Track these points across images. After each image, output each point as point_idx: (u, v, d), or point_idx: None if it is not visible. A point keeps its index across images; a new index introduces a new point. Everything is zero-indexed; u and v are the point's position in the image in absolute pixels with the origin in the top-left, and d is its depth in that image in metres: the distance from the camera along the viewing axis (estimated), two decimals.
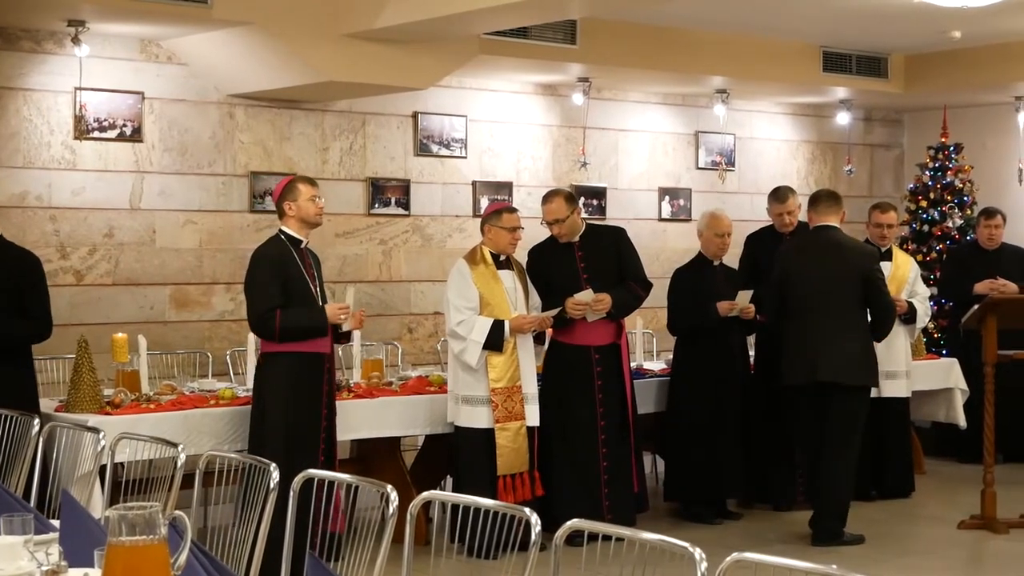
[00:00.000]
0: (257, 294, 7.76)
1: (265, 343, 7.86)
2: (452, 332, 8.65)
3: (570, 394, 9.08)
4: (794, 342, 9.15)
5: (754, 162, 13.91)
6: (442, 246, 11.62)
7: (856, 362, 9.02)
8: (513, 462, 8.66)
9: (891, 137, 15.22)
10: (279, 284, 7.74)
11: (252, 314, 7.80)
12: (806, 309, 9.08)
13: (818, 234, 9.27)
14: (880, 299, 9.14)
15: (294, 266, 7.82)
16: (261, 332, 7.83)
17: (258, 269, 7.82)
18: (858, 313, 9.09)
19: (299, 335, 7.75)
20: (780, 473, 10.08)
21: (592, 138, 12.46)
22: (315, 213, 7.91)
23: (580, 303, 8.91)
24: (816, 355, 8.97)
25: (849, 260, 9.11)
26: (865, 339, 9.10)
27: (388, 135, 11.36)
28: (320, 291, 7.97)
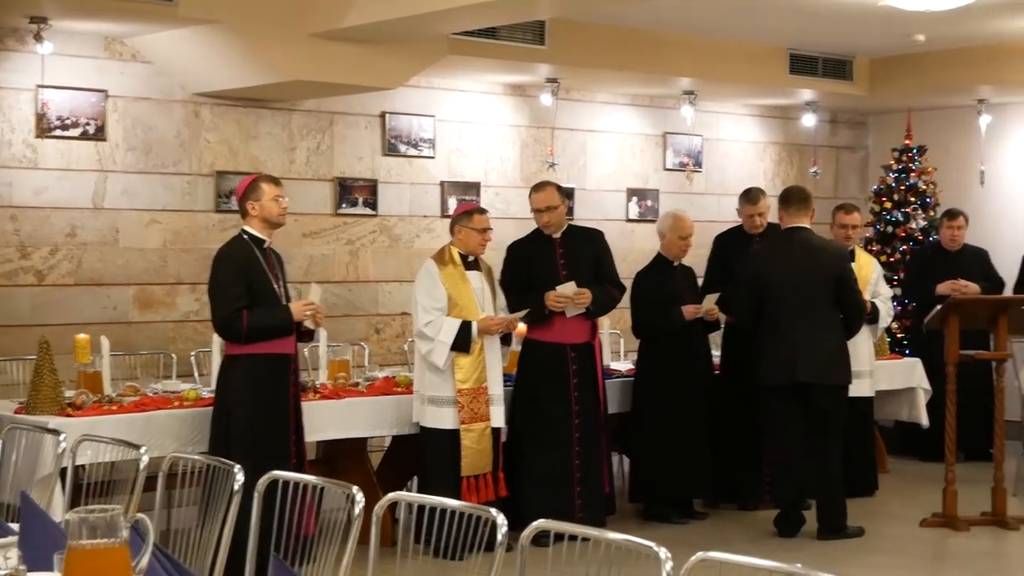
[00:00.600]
0: (221, 295, 7.68)
1: (230, 345, 7.80)
2: (420, 333, 8.63)
3: (545, 392, 9.07)
4: (771, 343, 9.20)
5: (721, 163, 13.92)
6: (410, 246, 11.58)
7: (834, 361, 9.14)
8: (477, 463, 8.65)
9: (856, 139, 15.26)
10: (243, 285, 7.66)
11: (217, 316, 7.72)
12: (781, 310, 9.15)
13: (791, 235, 9.31)
14: (852, 299, 9.26)
15: (257, 266, 7.75)
16: (227, 334, 7.76)
17: (221, 270, 7.75)
18: (832, 313, 9.17)
19: (265, 335, 7.69)
20: (746, 473, 10.08)
21: (560, 139, 12.44)
22: (278, 213, 7.84)
23: (563, 296, 8.95)
24: (794, 356, 9.06)
25: (822, 261, 9.18)
26: (840, 338, 9.20)
27: (356, 135, 11.32)
28: (284, 291, 7.91)
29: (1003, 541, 9.29)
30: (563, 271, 9.13)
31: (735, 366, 10.08)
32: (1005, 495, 9.63)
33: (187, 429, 7.94)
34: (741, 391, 9.97)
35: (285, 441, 7.80)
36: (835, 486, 9.24)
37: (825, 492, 9.25)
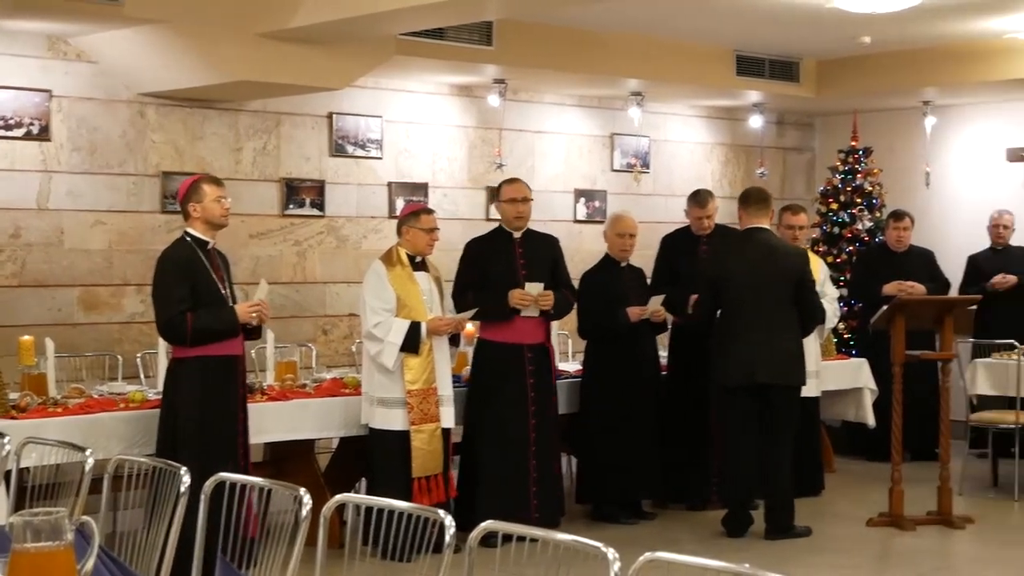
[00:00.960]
0: (165, 298, 7.62)
1: (176, 348, 7.74)
2: (368, 334, 8.61)
3: (502, 392, 9.08)
4: (729, 344, 9.23)
5: (668, 164, 13.96)
6: (357, 247, 11.55)
7: (792, 363, 9.22)
8: (428, 464, 8.64)
9: (803, 140, 15.34)
10: (188, 287, 7.60)
11: (161, 319, 7.65)
12: (740, 310, 9.19)
13: (750, 235, 9.35)
14: (811, 301, 9.31)
15: (202, 268, 7.70)
16: (171, 337, 7.70)
17: (165, 273, 7.69)
18: (790, 314, 9.22)
19: (211, 337, 7.64)
20: (694, 473, 10.12)
21: (508, 139, 12.45)
22: (220, 214, 7.77)
23: (528, 296, 8.97)
24: (753, 357, 9.09)
25: (782, 262, 9.23)
26: (798, 339, 9.27)
27: (303, 135, 11.28)
28: (230, 292, 7.86)
29: (949, 540, 9.36)
30: (523, 271, 9.16)
31: (683, 367, 10.13)
32: (951, 494, 9.70)
33: (133, 431, 7.89)
34: (689, 392, 10.02)
35: (233, 443, 7.76)
36: (785, 487, 9.28)
37: (775, 493, 9.29)
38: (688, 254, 10.13)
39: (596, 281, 9.85)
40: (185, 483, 4.73)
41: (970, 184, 13.98)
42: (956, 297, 11.49)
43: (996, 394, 10.81)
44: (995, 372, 10.79)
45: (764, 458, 9.26)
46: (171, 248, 7.81)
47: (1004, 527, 9.85)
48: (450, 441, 8.83)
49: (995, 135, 13.83)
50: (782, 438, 9.25)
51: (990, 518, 9.95)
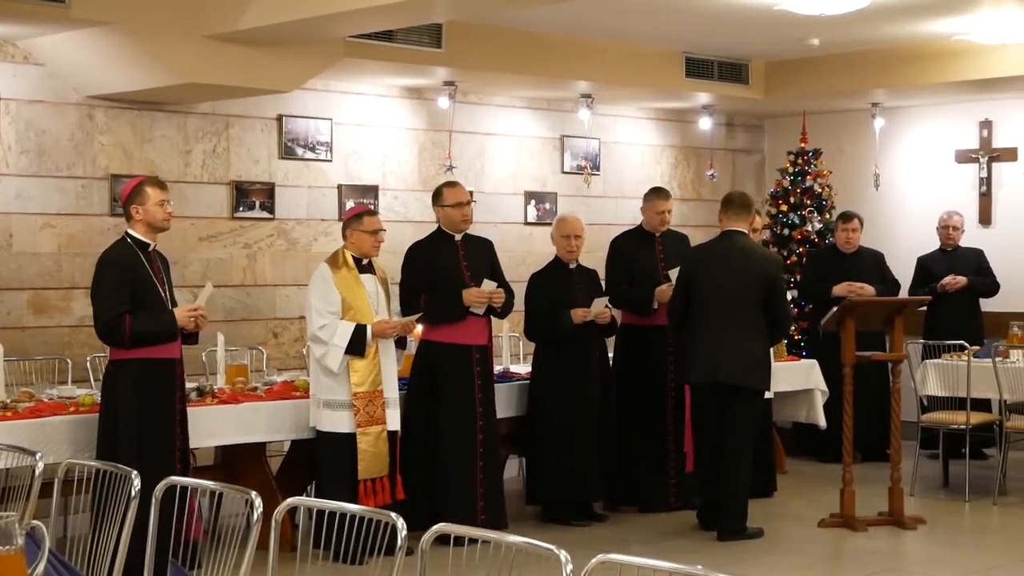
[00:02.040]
0: (104, 300, 7.60)
1: (114, 350, 7.71)
2: (314, 336, 8.63)
3: (449, 393, 9.10)
4: (697, 343, 9.32)
5: (619, 166, 13.99)
6: (308, 250, 11.53)
7: (757, 366, 9.27)
8: (374, 466, 8.64)
9: (752, 142, 15.41)
10: (127, 289, 7.58)
11: (99, 321, 7.62)
12: (710, 312, 9.27)
13: (727, 238, 9.44)
14: (781, 307, 9.34)
15: (142, 270, 7.67)
16: (109, 339, 7.67)
17: (104, 274, 7.67)
18: (759, 318, 9.27)
19: (149, 340, 7.62)
20: (646, 475, 10.13)
21: (458, 142, 12.45)
22: (162, 219, 7.75)
23: (483, 294, 9.04)
24: (718, 357, 9.17)
25: (755, 266, 9.30)
26: (765, 344, 9.35)
27: (252, 138, 11.25)
28: (169, 294, 7.84)
29: (900, 541, 9.42)
30: (467, 272, 9.20)
31: (633, 368, 10.13)
32: (902, 495, 9.76)
33: (83, 435, 7.85)
34: (641, 392, 10.04)
35: (171, 447, 7.72)
36: (738, 489, 9.34)
37: (728, 495, 9.33)
38: (643, 253, 10.16)
39: (543, 283, 9.89)
40: (136, 487, 4.72)
41: (919, 185, 14.08)
42: (906, 298, 11.57)
43: (946, 395, 10.88)
44: (945, 373, 10.86)
45: (720, 458, 9.32)
46: (111, 249, 7.78)
47: (955, 528, 9.93)
48: (396, 443, 8.84)
49: (944, 137, 13.94)
50: (741, 440, 9.31)
51: (941, 519, 10.03)
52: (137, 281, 7.63)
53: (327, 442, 8.63)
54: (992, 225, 13.57)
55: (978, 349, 10.92)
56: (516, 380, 10.03)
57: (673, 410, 10.12)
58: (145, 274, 7.68)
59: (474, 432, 9.15)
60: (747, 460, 9.39)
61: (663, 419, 10.10)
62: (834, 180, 13.66)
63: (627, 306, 10.18)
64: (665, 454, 10.10)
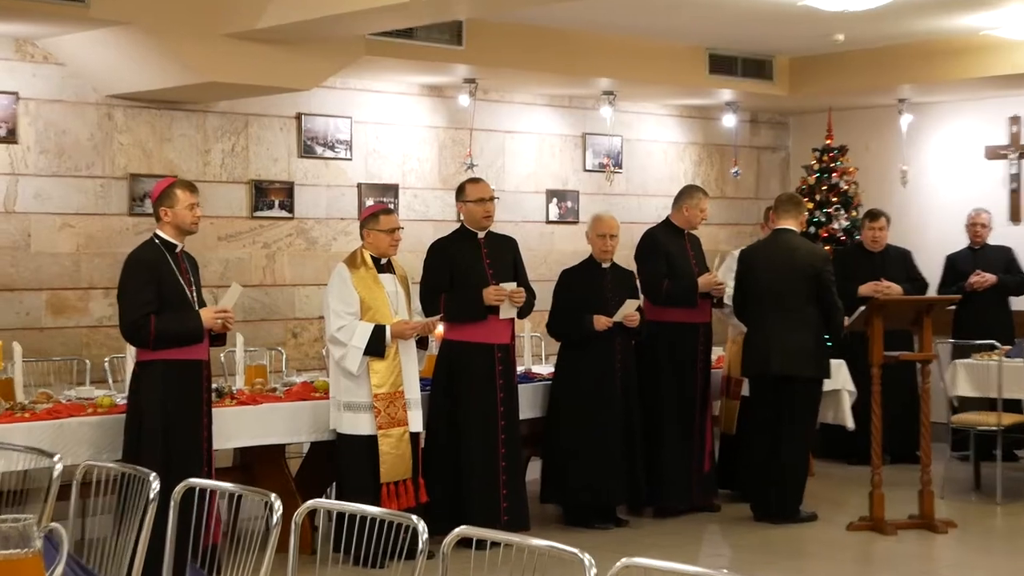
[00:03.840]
0: (130, 300, 7.62)
1: (140, 351, 7.74)
2: (332, 338, 8.61)
3: (471, 394, 9.09)
4: (750, 338, 9.91)
5: (641, 164, 13.98)
6: (327, 249, 11.55)
7: (808, 355, 9.70)
8: (396, 469, 8.63)
9: (777, 139, 15.38)
10: (153, 289, 7.60)
11: (124, 321, 7.64)
12: (762, 307, 9.81)
13: (776, 236, 10.00)
14: (827, 297, 9.76)
15: (169, 271, 7.69)
16: (134, 339, 7.70)
17: (131, 274, 7.69)
18: (808, 309, 9.73)
19: (174, 341, 7.63)
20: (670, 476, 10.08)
21: (479, 140, 12.45)
22: (191, 222, 7.78)
23: (503, 291, 9.05)
24: (769, 350, 9.68)
25: (801, 260, 9.77)
26: (815, 334, 9.77)
27: (271, 137, 11.27)
28: (197, 295, 7.86)
29: (931, 544, 9.37)
30: (489, 270, 9.19)
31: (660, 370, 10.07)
32: (932, 498, 9.69)
33: (101, 436, 7.86)
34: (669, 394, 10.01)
35: (198, 449, 7.74)
36: (797, 473, 9.82)
37: (781, 479, 9.73)
38: (676, 248, 10.12)
39: (574, 280, 9.85)
40: (155, 489, 4.73)
41: (947, 182, 14.03)
42: (934, 297, 11.53)
43: (977, 395, 10.81)
44: (976, 373, 10.79)
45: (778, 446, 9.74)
46: (139, 250, 7.82)
47: (987, 531, 9.89)
48: (419, 445, 8.84)
49: (973, 133, 13.89)
50: (800, 428, 9.81)
51: (972, 522, 9.98)
52: (164, 282, 7.66)
53: (348, 445, 8.63)
54: (1023, 222, 13.52)
55: (1009, 348, 10.86)
56: (538, 381, 10.01)
57: (700, 408, 10.09)
58: (172, 275, 7.70)
59: (496, 433, 9.13)
60: (804, 447, 9.96)
61: (690, 417, 10.05)
62: (860, 177, 13.63)
63: (675, 299, 10.00)
64: (691, 455, 10.07)
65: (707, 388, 10.18)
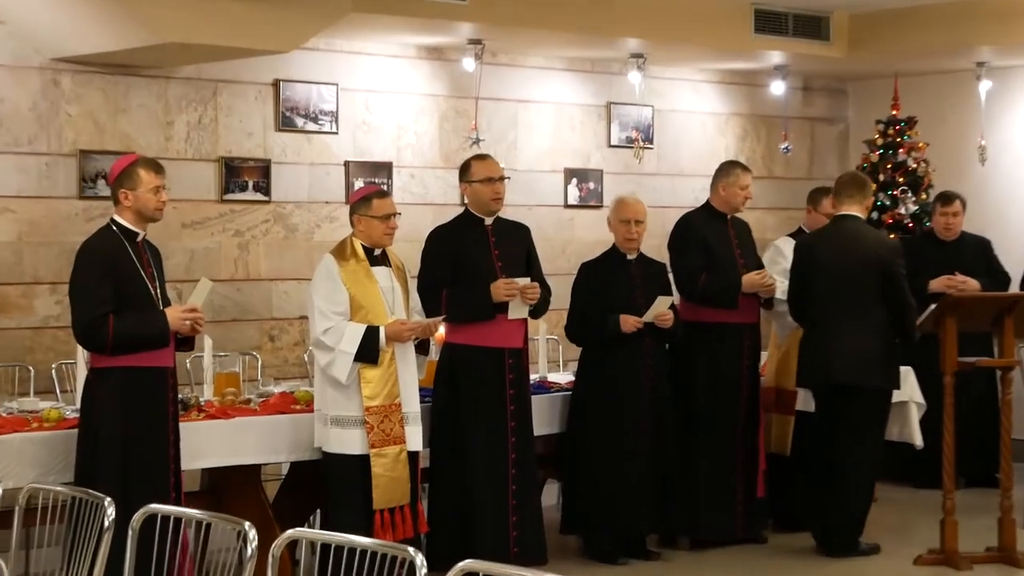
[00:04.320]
0: (84, 297, 7.61)
1: (95, 356, 7.74)
2: (317, 341, 8.58)
3: (476, 405, 9.10)
4: (808, 340, 9.88)
5: (676, 139, 13.99)
6: (309, 238, 11.57)
7: (874, 362, 9.67)
8: (392, 494, 8.60)
9: (834, 109, 15.38)
10: (110, 285, 7.59)
11: (78, 321, 7.63)
12: (822, 305, 9.80)
13: (838, 224, 9.92)
14: (897, 296, 9.76)
15: (128, 263, 7.68)
16: (89, 343, 7.69)
17: (85, 267, 7.67)
18: (878, 310, 9.72)
19: (136, 345, 7.63)
20: (709, 502, 10.10)
21: (486, 110, 12.46)
22: (155, 207, 7.74)
23: (514, 285, 9.04)
24: (830, 354, 9.66)
25: (868, 252, 9.74)
26: (885, 338, 9.74)
27: (244, 107, 11.30)
28: (161, 292, 7.86)
29: None
30: (498, 262, 9.17)
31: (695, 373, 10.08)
32: (1014, 527, 9.69)
33: (48, 455, 7.87)
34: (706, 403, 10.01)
35: (163, 470, 7.74)
36: (854, 498, 9.80)
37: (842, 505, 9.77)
38: (717, 234, 10.10)
39: (594, 276, 9.83)
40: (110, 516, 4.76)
41: None
42: (1017, 293, 11.51)
43: None
44: None
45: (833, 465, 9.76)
46: (94, 239, 7.78)
47: None
48: (418, 466, 8.83)
49: None
50: (857, 446, 9.74)
51: None
52: (123, 276, 7.63)
53: (335, 466, 8.61)
54: None
55: None
56: (555, 391, 10.02)
57: (745, 424, 10.10)
58: (132, 268, 7.68)
59: (505, 451, 9.14)
60: (867, 468, 9.86)
61: (732, 435, 10.06)
62: (931, 154, 13.63)
63: (711, 298, 10.02)
64: (733, 476, 10.07)
65: (755, 400, 10.15)
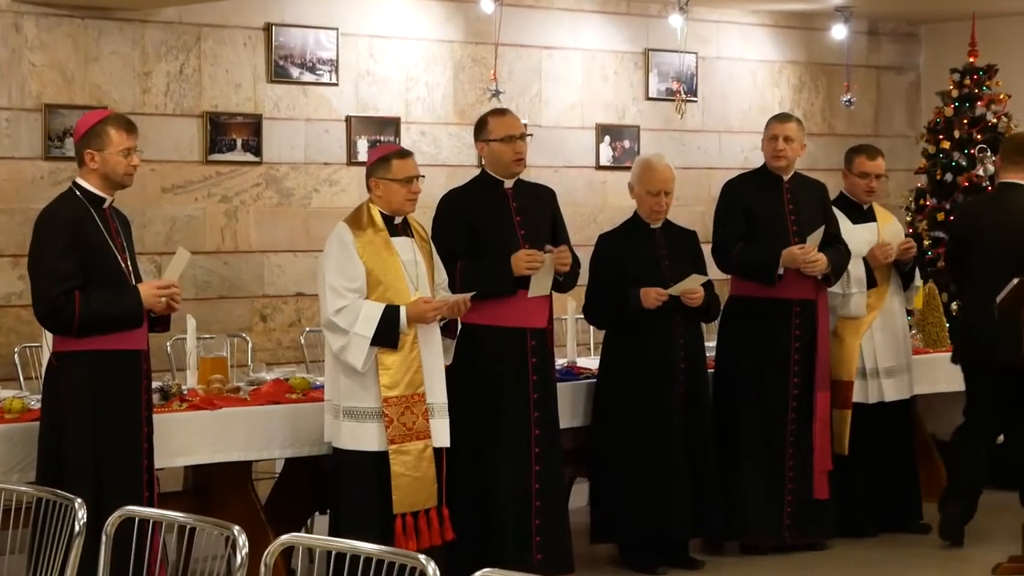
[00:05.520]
0: (46, 273, 7.60)
1: (59, 338, 7.75)
2: (329, 323, 8.51)
3: (494, 394, 9.06)
4: (967, 319, 10.16)
5: (723, 90, 13.97)
6: (306, 204, 11.58)
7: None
8: (415, 496, 8.52)
9: (903, 56, 15.34)
10: (76, 257, 7.57)
11: (40, 299, 7.62)
12: (984, 281, 9.78)
13: (1004, 193, 10.05)
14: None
15: (95, 233, 7.66)
16: (52, 323, 7.68)
17: (46, 237, 7.65)
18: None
19: (105, 325, 7.62)
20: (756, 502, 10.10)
21: (507, 59, 12.45)
22: (125, 172, 7.71)
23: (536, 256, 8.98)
24: (993, 335, 9.66)
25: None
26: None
27: (232, 55, 11.30)
28: (132, 265, 7.86)
29: None
30: (520, 230, 9.12)
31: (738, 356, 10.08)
32: None
33: (9, 451, 7.89)
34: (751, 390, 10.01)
35: (136, 467, 7.75)
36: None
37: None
38: (766, 201, 10.07)
39: (614, 249, 9.80)
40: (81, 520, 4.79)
41: None
42: None
43: None
44: None
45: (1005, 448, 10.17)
46: (55, 205, 7.76)
47: None
48: (443, 464, 8.75)
49: None
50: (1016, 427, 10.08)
51: None
52: (90, 247, 7.63)
53: (349, 464, 8.53)
54: None
55: None
56: (585, 377, 10.02)
57: (796, 414, 10.08)
58: (99, 238, 7.67)
59: (528, 446, 9.12)
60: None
61: (782, 426, 10.06)
62: (1014, 107, 13.60)
63: (746, 269, 10.04)
64: (782, 474, 10.06)
65: (808, 387, 10.10)
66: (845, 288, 10.30)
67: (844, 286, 10.28)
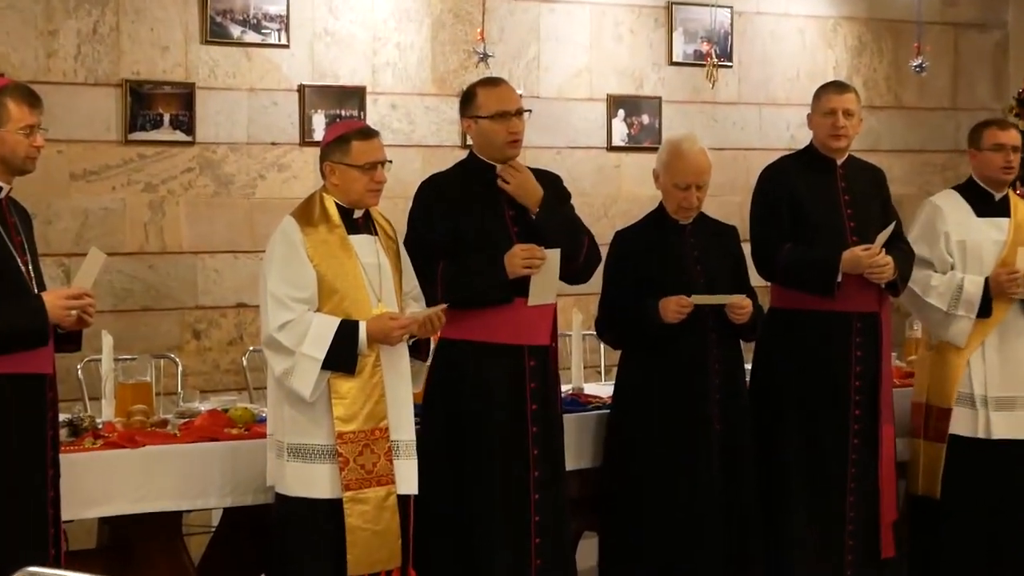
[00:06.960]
0: None
1: None
2: (271, 340, 8.49)
3: (484, 427, 9.06)
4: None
5: (764, 53, 14.01)
6: (249, 194, 11.59)
7: None
8: (375, 554, 8.54)
9: (986, 13, 15.40)
10: None
11: None
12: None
13: None
14: None
15: None
16: None
17: None
18: None
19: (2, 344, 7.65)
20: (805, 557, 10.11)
21: (497, 15, 12.48)
22: (26, 154, 7.70)
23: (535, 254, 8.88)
24: None
25: None
26: None
27: (157, 10, 11.33)
28: (34, 270, 7.87)
29: None
30: (514, 226, 9.10)
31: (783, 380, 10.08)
32: None
33: None
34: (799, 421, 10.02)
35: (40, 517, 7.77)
36: None
37: None
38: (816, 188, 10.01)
39: (634, 249, 9.77)
40: None
41: None
42: None
43: None
44: None
45: None
46: None
47: None
48: (410, 515, 8.77)
49: None
50: None
51: None
52: None
53: (295, 514, 8.53)
54: None
55: None
56: (593, 408, 10.03)
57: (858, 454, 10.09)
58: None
59: (525, 490, 9.13)
60: None
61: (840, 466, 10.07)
62: None
63: (794, 277, 10.00)
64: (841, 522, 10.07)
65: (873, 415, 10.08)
66: (951, 307, 10.24)
67: (951, 303, 10.22)
